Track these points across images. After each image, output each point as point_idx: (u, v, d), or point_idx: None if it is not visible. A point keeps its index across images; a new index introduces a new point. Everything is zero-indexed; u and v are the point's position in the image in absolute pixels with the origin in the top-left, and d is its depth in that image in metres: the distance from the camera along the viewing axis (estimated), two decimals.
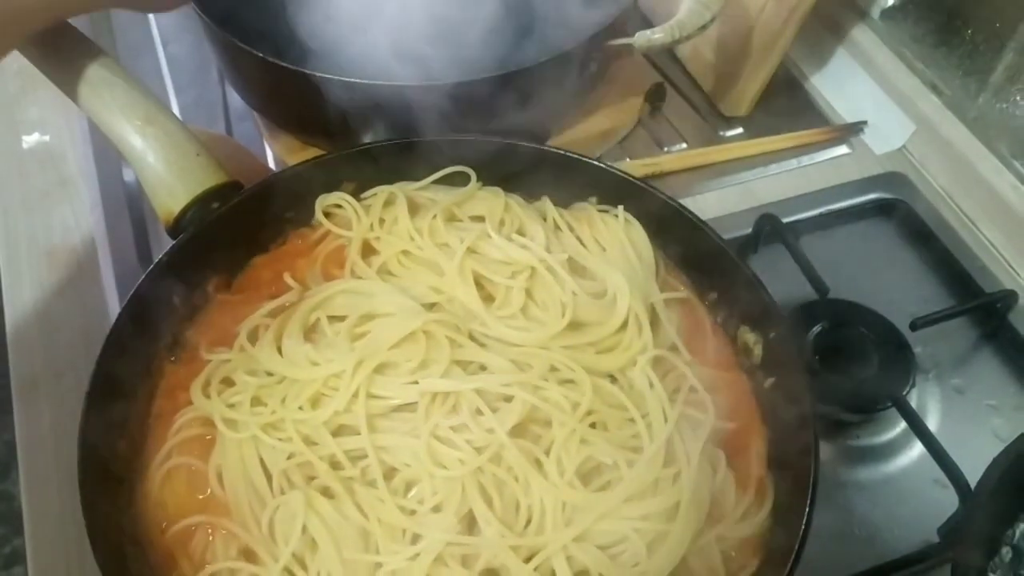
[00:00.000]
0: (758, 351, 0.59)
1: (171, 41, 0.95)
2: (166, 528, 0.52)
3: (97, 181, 0.81)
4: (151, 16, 0.97)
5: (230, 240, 0.62)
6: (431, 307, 0.58)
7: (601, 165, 0.65)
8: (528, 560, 0.49)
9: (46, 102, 0.85)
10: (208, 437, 0.55)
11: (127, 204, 0.80)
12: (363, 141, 0.75)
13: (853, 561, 0.60)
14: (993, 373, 0.71)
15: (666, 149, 0.88)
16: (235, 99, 0.89)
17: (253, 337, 0.59)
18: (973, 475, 0.60)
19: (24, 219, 0.78)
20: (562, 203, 0.67)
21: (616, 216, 0.64)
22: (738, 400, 0.58)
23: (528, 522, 0.51)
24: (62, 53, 0.61)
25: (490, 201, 0.65)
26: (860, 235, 0.81)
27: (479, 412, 0.52)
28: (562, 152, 0.65)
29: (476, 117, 0.71)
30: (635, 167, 0.84)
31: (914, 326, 0.68)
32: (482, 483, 0.51)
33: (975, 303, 0.71)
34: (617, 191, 0.65)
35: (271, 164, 0.84)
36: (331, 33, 0.82)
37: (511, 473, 0.51)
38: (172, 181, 0.60)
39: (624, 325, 0.58)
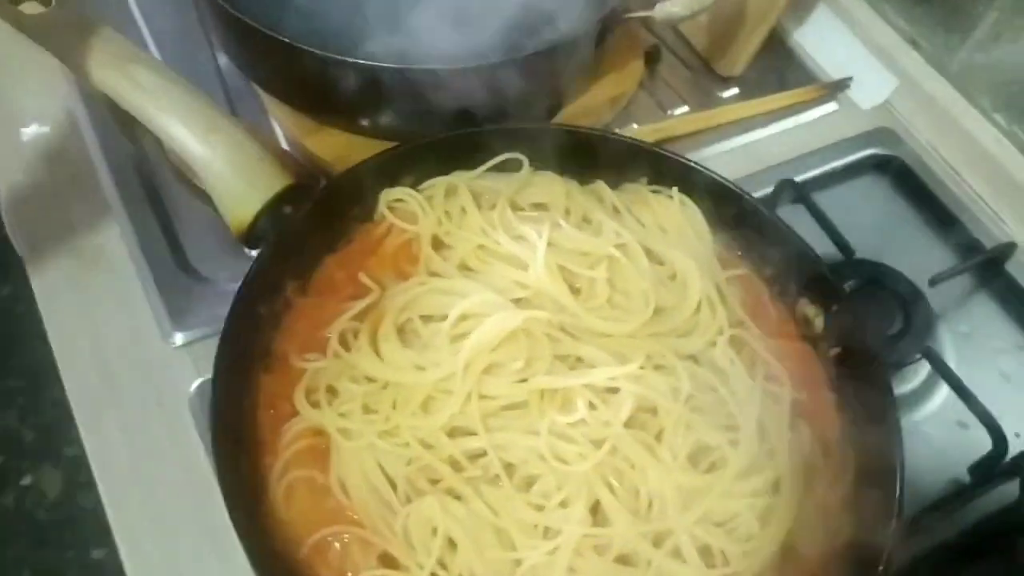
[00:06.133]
0: (819, 322, 0.63)
1: (153, 15, 0.90)
2: (300, 542, 0.54)
3: (111, 175, 0.77)
4: None
5: (304, 243, 0.62)
6: (518, 302, 0.60)
7: (659, 151, 0.67)
8: (656, 544, 0.53)
9: (38, 90, 0.80)
10: (322, 447, 0.56)
11: (147, 196, 0.77)
12: (380, 122, 0.75)
13: None
14: (994, 317, 0.78)
15: (669, 112, 0.90)
16: (232, 75, 0.86)
17: (344, 341, 0.59)
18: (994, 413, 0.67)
19: (41, 219, 0.74)
20: (611, 184, 0.69)
21: (671, 197, 0.67)
22: (806, 369, 0.63)
23: (649, 507, 0.54)
24: (110, 59, 0.59)
25: (548, 187, 0.66)
26: (860, 192, 0.86)
27: (592, 406, 0.55)
28: (621, 137, 0.67)
29: (498, 97, 0.72)
30: (646, 132, 0.86)
31: (933, 282, 0.74)
32: (604, 474, 0.54)
33: (983, 257, 0.77)
34: (668, 171, 0.68)
35: (283, 144, 0.83)
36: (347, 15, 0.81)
37: (628, 462, 0.55)
38: (242, 189, 0.60)
39: (698, 307, 0.62)
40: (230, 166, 0.59)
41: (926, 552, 0.64)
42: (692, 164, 0.67)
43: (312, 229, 0.62)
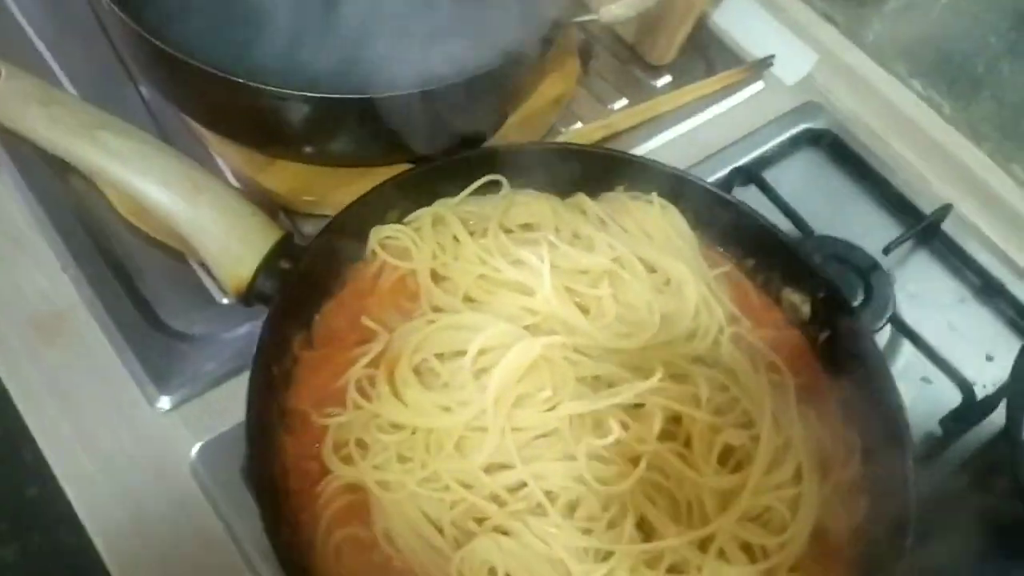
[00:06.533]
0: (806, 309, 0.67)
1: (61, 50, 0.84)
2: None
3: (56, 233, 0.73)
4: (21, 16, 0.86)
5: (304, 295, 0.61)
6: (528, 328, 0.61)
7: (637, 160, 0.69)
8: (702, 549, 0.55)
9: None
10: (360, 501, 0.56)
11: (99, 251, 0.73)
12: (332, 151, 0.74)
13: None
14: (936, 274, 0.84)
15: (608, 105, 0.92)
16: (163, 111, 0.82)
17: (362, 391, 0.59)
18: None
19: None
20: (590, 195, 0.70)
21: (651, 202, 0.69)
22: (799, 356, 0.66)
23: (689, 514, 0.56)
24: (75, 128, 0.55)
25: (534, 206, 0.67)
26: (799, 168, 0.90)
27: (625, 426, 0.57)
28: (597, 149, 0.69)
29: (449, 117, 0.72)
30: (593, 130, 0.88)
31: (887, 251, 0.79)
32: (644, 489, 0.56)
33: (926, 222, 0.82)
34: (644, 177, 0.69)
35: (231, 180, 0.80)
36: (279, 43, 0.79)
37: (663, 473, 0.57)
38: (237, 248, 0.58)
39: (696, 310, 0.64)
40: (222, 226, 0.57)
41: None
42: (672, 171, 0.68)
43: (310, 279, 0.60)
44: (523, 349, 0.58)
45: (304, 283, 0.60)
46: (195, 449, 0.65)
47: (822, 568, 0.58)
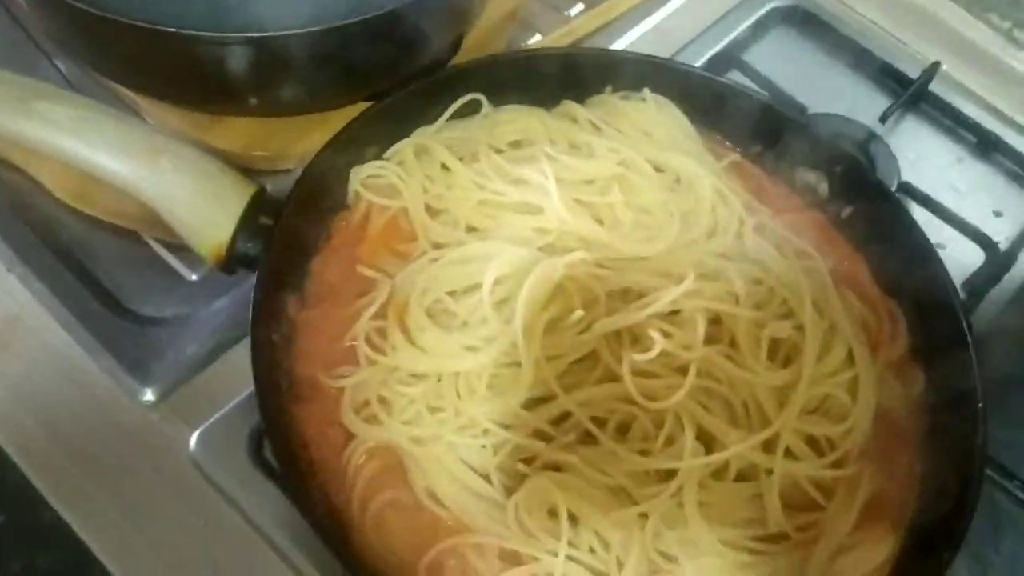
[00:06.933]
0: (823, 187, 0.63)
1: None
2: (412, 571, 0.48)
3: None
4: None
5: (290, 253, 0.55)
6: (543, 250, 0.56)
7: (620, 54, 0.64)
8: (768, 451, 0.51)
9: None
10: (393, 463, 0.51)
11: (43, 243, 0.66)
12: (281, 98, 0.67)
13: None
14: (931, 137, 0.81)
15: (565, 12, 0.86)
16: (83, 82, 0.74)
17: (373, 345, 0.53)
18: None
19: None
20: (575, 101, 0.64)
21: (644, 100, 0.64)
22: (824, 236, 0.62)
23: (748, 416, 0.52)
24: (11, 102, 0.48)
25: (521, 122, 0.62)
26: (776, 47, 0.85)
27: (667, 334, 0.52)
28: (576, 51, 0.64)
29: (402, 43, 0.66)
30: (555, 40, 0.82)
31: (883, 119, 0.75)
32: (697, 398, 0.52)
33: (918, 84, 0.79)
34: (629, 73, 0.64)
35: None
36: None
37: (714, 379, 0.52)
38: (210, 210, 0.51)
39: (713, 204, 0.60)
40: (189, 189, 0.50)
41: None
42: (662, 62, 0.64)
43: (296, 234, 0.54)
44: (544, 271, 0.53)
45: (290, 239, 0.54)
46: (193, 438, 0.59)
47: (890, 451, 0.54)
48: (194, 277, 0.67)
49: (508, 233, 0.56)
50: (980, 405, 0.52)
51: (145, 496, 0.58)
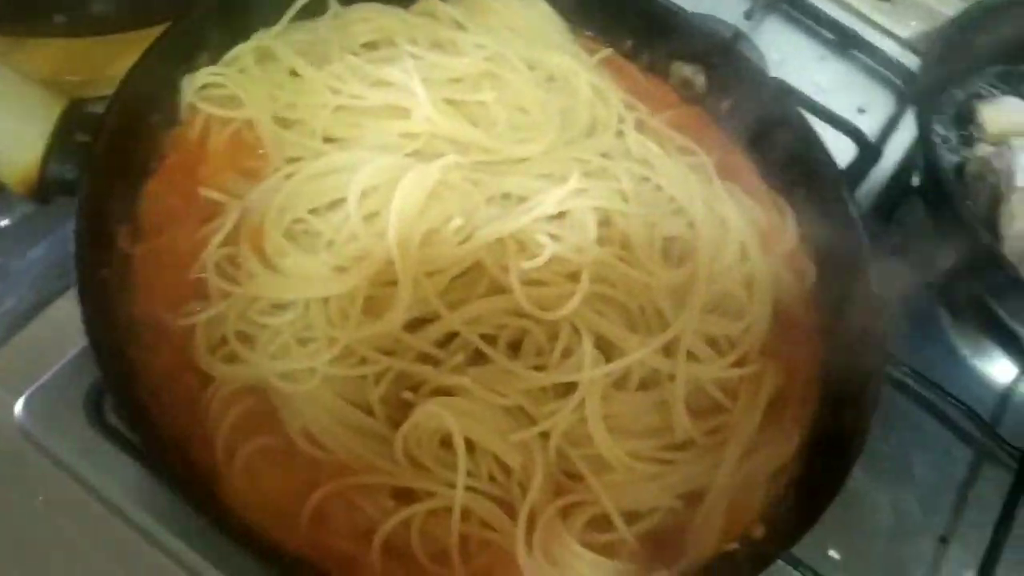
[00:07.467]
0: (700, 80, 0.60)
1: None
2: (293, 522, 0.43)
3: None
4: None
5: (116, 175, 0.47)
6: (411, 156, 0.50)
7: None
8: (669, 355, 0.48)
9: None
10: (261, 405, 0.45)
11: None
12: (91, 12, 0.59)
13: None
14: (791, 38, 0.80)
15: None
16: None
17: (225, 275, 0.46)
18: None
19: None
20: None
21: None
22: (706, 132, 0.59)
23: (645, 320, 0.49)
24: None
25: (377, 20, 0.56)
26: None
27: (556, 238, 0.48)
28: None
29: None
30: None
31: (748, 16, 0.74)
32: (592, 305, 0.48)
33: None
34: None
35: None
36: None
37: (608, 283, 0.49)
38: (15, 126, 0.44)
39: (591, 102, 0.55)
40: None
41: None
42: None
43: (121, 154, 0.46)
44: (416, 178, 0.47)
45: (113, 158, 0.46)
46: (18, 405, 0.50)
47: (789, 347, 0.53)
48: (5, 223, 0.57)
49: (372, 141, 0.50)
50: (876, 292, 0.51)
51: None
